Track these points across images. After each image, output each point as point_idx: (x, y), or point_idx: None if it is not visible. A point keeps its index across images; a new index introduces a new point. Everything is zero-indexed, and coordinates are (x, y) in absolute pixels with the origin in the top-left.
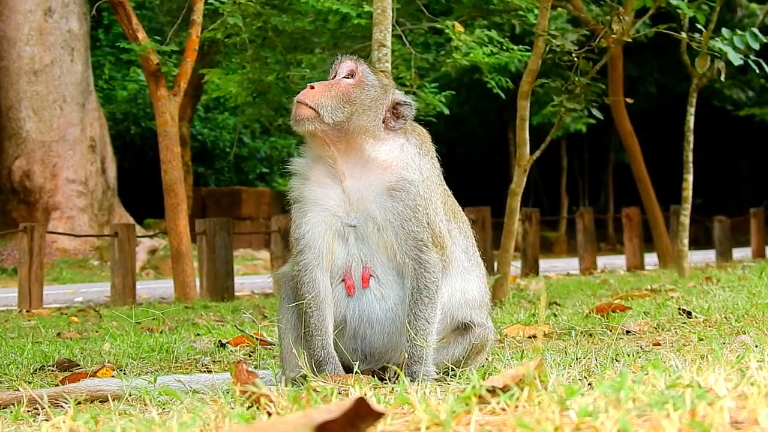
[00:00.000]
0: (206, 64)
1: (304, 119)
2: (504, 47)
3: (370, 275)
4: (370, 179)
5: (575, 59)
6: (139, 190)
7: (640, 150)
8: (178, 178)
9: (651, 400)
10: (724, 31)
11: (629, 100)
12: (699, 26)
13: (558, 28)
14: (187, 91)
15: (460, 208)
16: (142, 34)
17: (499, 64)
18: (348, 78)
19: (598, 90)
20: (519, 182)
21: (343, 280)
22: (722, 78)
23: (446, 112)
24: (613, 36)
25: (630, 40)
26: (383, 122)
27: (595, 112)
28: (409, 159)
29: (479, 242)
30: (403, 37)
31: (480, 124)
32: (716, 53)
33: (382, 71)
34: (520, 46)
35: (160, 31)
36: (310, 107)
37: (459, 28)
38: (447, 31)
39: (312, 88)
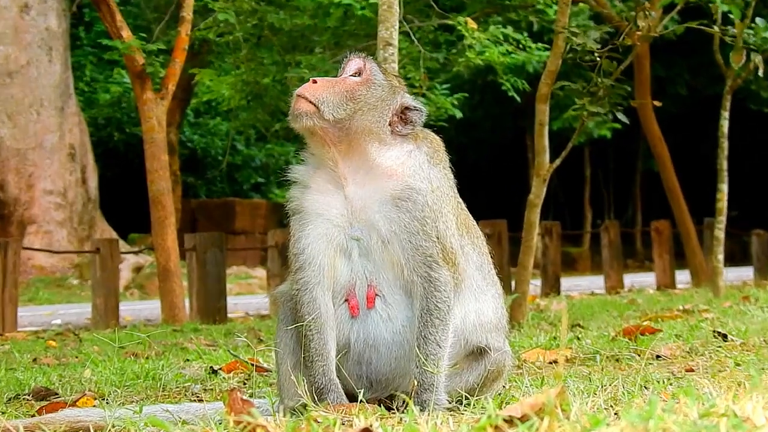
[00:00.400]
0: (197, 64)
1: (302, 114)
2: (521, 45)
3: (376, 294)
4: (374, 186)
5: (598, 59)
6: (122, 202)
7: (669, 157)
8: (165, 189)
9: (682, 431)
10: (759, 21)
11: (657, 103)
12: (733, 20)
13: (579, 25)
14: (176, 94)
15: (474, 223)
16: (126, 32)
17: (515, 64)
18: (355, 76)
19: (623, 92)
20: (538, 193)
21: (346, 300)
22: (760, 73)
23: (459, 115)
24: (638, 33)
25: (657, 36)
26: (390, 126)
27: (620, 116)
28: (417, 167)
29: (495, 259)
30: (411, 35)
31: (494, 130)
32: (753, 47)
33: (394, 75)
34: (539, 44)
35: (146, 29)
36: (311, 102)
37: (472, 25)
38: (459, 28)
39: (314, 82)
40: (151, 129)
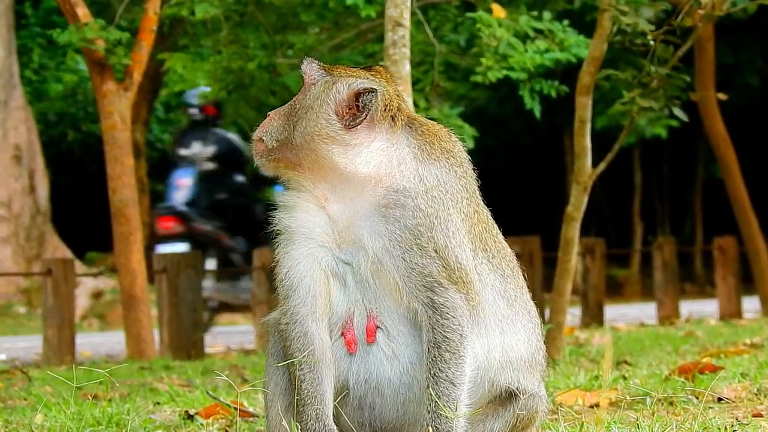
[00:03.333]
0: (167, 48)
1: (256, 155)
2: (555, 40)
3: (377, 327)
4: (355, 199)
5: (651, 42)
6: (78, 214)
7: (736, 161)
8: (130, 199)
9: None
10: None
11: (723, 96)
12: None
13: (629, 2)
14: (142, 85)
15: (501, 236)
16: (82, 10)
17: (544, 65)
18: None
19: (681, 83)
20: (578, 204)
21: (342, 334)
22: None
23: (469, 146)
24: (701, 12)
25: (724, 15)
26: (341, 121)
27: (677, 111)
28: (397, 164)
29: (526, 282)
30: (421, 17)
31: (526, 129)
32: None
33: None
34: (576, 33)
35: (106, 5)
36: (259, 139)
37: (498, 12)
38: (479, 25)
39: (267, 116)
40: (112, 127)
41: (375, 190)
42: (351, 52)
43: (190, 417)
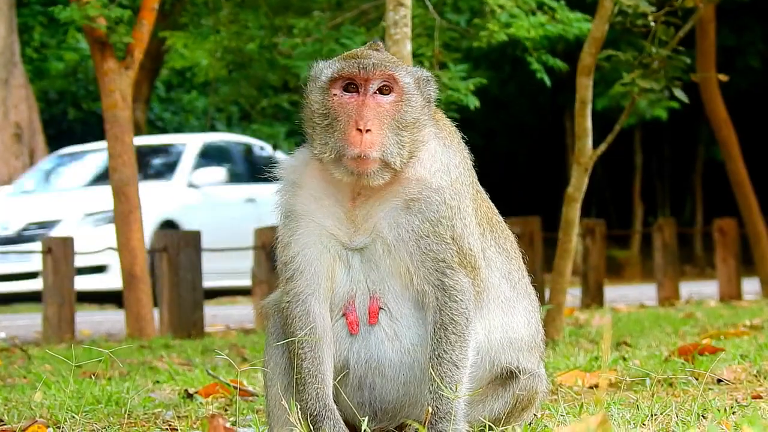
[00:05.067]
0: (168, 27)
1: (376, 176)
2: (555, 17)
3: (380, 308)
4: (385, 191)
5: (652, 24)
6: None
7: (737, 143)
8: (130, 178)
9: None
10: None
11: (724, 78)
12: None
13: None
14: (143, 63)
15: (500, 218)
16: None
17: (548, 37)
18: (386, 94)
19: (682, 65)
20: (578, 185)
21: (343, 314)
22: None
23: (474, 105)
24: None
25: None
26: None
27: (678, 93)
28: (431, 157)
29: (526, 263)
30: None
31: (528, 110)
32: None
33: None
34: (578, 14)
35: None
36: (378, 160)
37: None
38: None
39: (362, 131)
40: (113, 105)
41: (408, 184)
42: (351, 33)
43: (190, 396)
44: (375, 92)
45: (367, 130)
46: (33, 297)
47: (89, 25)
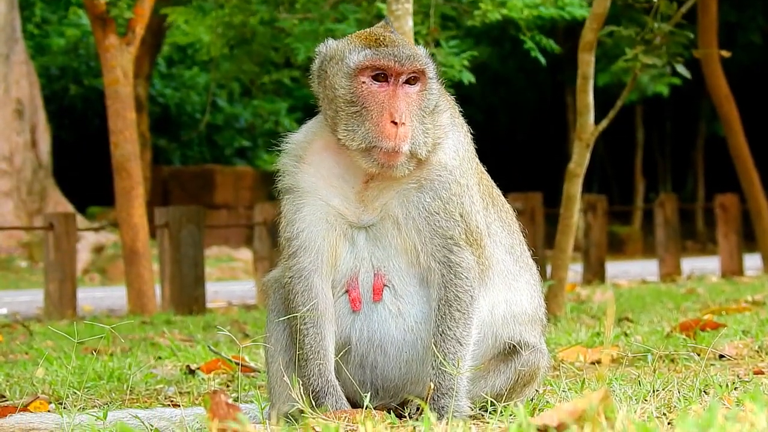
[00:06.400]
0: (169, 2)
1: (403, 167)
2: None
3: (384, 285)
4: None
5: (654, 0)
6: (80, 169)
7: (739, 119)
8: (132, 154)
9: None
10: None
11: (725, 54)
12: None
13: None
14: (145, 39)
15: (500, 192)
16: None
17: (541, 17)
18: (412, 84)
19: (684, 40)
20: (580, 161)
21: (346, 291)
22: None
23: (469, 80)
24: None
25: None
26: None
27: (680, 69)
28: (445, 137)
29: (527, 239)
30: None
31: (529, 86)
32: None
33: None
34: None
35: None
36: (408, 153)
37: None
38: None
39: (396, 124)
40: (114, 81)
41: (426, 167)
42: (350, 12)
43: (192, 372)
44: (403, 83)
45: (402, 123)
46: None
47: (90, 0)
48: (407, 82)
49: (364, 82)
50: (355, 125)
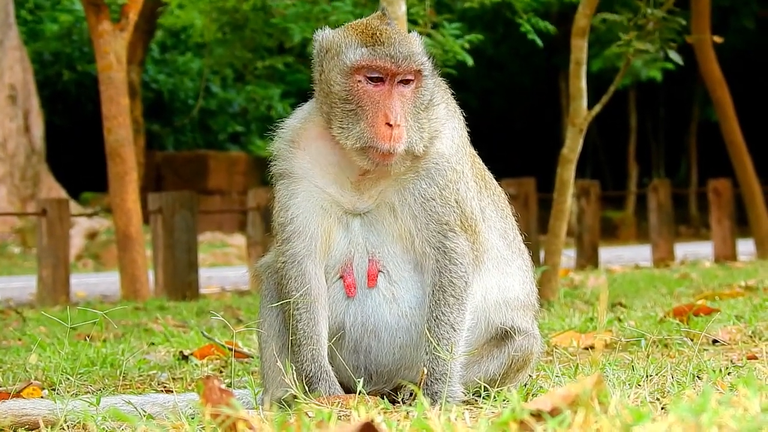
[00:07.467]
0: None
1: (398, 165)
2: None
3: (379, 271)
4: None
5: None
6: (73, 154)
7: (732, 104)
8: (125, 139)
9: (741, 427)
10: None
11: (718, 39)
12: None
13: None
14: (138, 25)
15: (491, 176)
16: None
17: (539, 0)
18: (407, 83)
19: (676, 26)
20: (573, 146)
21: (341, 277)
22: None
23: (470, 63)
24: None
25: None
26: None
27: (673, 54)
28: (438, 123)
29: (521, 224)
30: None
31: (522, 71)
32: None
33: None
34: None
35: None
36: (403, 151)
37: None
38: None
39: (391, 125)
40: (108, 67)
41: (423, 157)
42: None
43: (185, 357)
44: (399, 82)
45: (397, 125)
46: None
47: None
48: (403, 80)
49: (359, 81)
50: (349, 124)
